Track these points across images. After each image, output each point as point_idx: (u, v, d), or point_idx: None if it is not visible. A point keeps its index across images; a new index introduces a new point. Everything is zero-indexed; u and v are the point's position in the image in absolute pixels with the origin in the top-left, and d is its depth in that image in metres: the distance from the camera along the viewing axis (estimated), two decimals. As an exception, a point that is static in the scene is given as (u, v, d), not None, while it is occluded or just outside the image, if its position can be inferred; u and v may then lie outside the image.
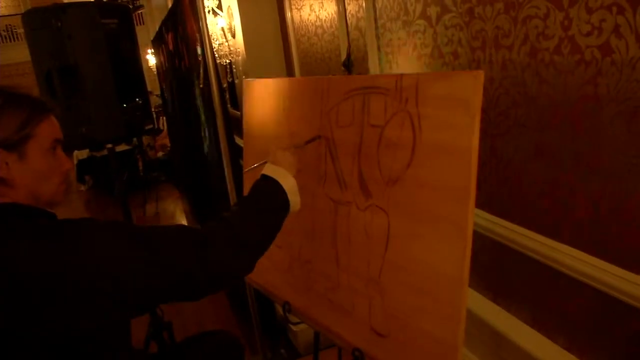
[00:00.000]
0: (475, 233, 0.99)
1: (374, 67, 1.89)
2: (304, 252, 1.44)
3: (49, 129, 1.00)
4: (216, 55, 2.59)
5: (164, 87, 5.39)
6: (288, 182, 1.18)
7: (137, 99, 1.97)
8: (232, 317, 3.00)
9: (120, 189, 2.10)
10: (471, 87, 0.91)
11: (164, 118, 6.62)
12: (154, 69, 7.40)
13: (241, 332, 2.76)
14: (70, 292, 0.85)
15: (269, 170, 1.20)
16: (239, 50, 3.35)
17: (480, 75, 0.90)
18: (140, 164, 6.08)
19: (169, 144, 6.57)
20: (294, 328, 2.37)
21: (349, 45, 1.74)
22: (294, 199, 1.19)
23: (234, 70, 3.41)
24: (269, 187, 1.18)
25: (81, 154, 6.57)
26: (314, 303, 1.40)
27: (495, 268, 1.61)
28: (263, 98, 1.61)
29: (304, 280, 1.45)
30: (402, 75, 1.07)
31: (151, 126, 2.08)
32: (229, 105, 3.87)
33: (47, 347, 0.87)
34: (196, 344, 1.56)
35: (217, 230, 1.04)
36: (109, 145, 2.08)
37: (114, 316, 0.90)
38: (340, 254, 1.29)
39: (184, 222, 4.94)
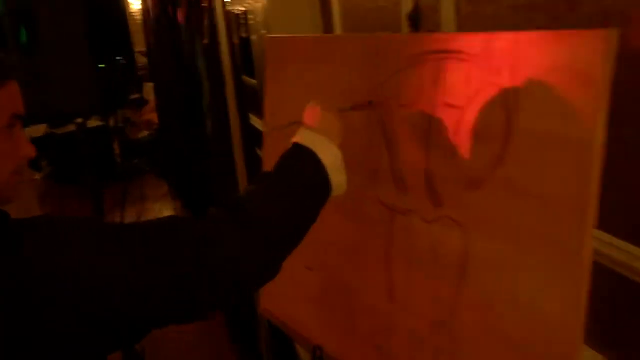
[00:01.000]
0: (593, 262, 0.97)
1: (447, 22, 1.87)
2: (343, 276, 1.45)
3: (6, 99, 1.01)
4: (226, 1, 2.62)
5: (151, 42, 5.48)
6: (330, 154, 1.17)
7: (119, 58, 2.01)
8: (231, 357, 3.04)
9: (92, 181, 2.14)
10: (598, 53, 0.89)
11: (151, 85, 6.72)
12: (137, 16, 7.52)
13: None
14: (26, 319, 0.88)
15: (304, 136, 1.19)
16: (257, -7, 3.37)
17: (613, 35, 0.88)
18: (116, 146, 6.20)
19: (156, 121, 6.67)
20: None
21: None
22: (338, 178, 1.17)
23: (250, 22, 3.43)
24: (304, 160, 1.16)
25: (35, 130, 6.74)
26: (356, 349, 1.40)
27: (616, 313, 1.58)
28: (292, 62, 1.62)
29: (342, 315, 1.46)
30: (493, 34, 1.06)
31: (137, 95, 2.12)
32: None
33: None
34: None
35: (225, 219, 1.05)
36: (79, 120, 2.13)
37: (82, 352, 0.92)
38: (396, 282, 1.29)
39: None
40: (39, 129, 6.72)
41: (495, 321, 1.06)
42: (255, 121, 2.76)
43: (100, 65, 1.95)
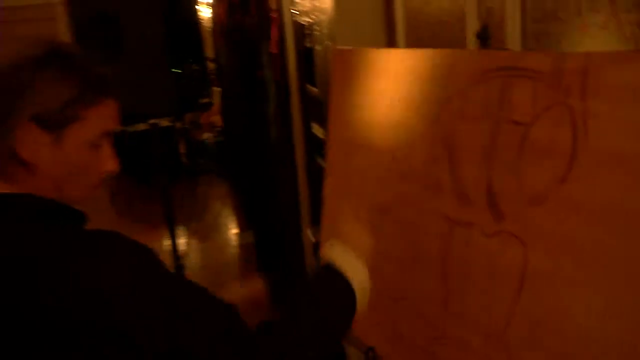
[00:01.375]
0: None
1: (513, 40, 1.84)
2: (398, 284, 1.44)
3: (103, 117, 1.02)
4: (294, 12, 2.65)
5: (219, 49, 5.58)
6: (358, 276, 1.22)
7: (193, 64, 2.06)
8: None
9: (162, 179, 2.20)
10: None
11: (216, 89, 6.86)
12: (206, 24, 7.69)
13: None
14: (78, 336, 0.89)
15: (338, 255, 1.23)
16: (324, 6, 3.39)
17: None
18: (182, 146, 6.34)
19: (219, 123, 6.78)
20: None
21: (486, 8, 1.71)
22: (362, 301, 1.23)
23: (316, 33, 3.46)
24: (338, 288, 1.21)
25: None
26: (408, 354, 1.40)
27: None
28: (358, 73, 1.63)
29: (395, 321, 1.46)
30: (563, 54, 1.04)
31: (207, 100, 2.17)
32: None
33: None
34: None
35: (271, 343, 1.05)
36: (153, 121, 2.19)
37: None
38: (451, 293, 1.28)
39: (234, 231, 5.09)
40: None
41: (550, 338, 1.04)
42: (316, 129, 2.78)
43: (175, 71, 2.01)
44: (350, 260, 1.24)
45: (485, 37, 1.41)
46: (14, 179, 0.98)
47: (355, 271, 1.23)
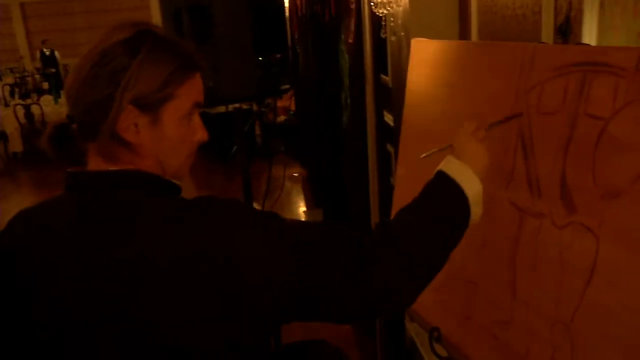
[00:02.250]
0: None
1: (589, 34, 1.77)
2: (468, 269, 1.43)
3: (193, 90, 1.03)
4: (372, 3, 2.62)
5: (297, 37, 5.61)
6: (473, 188, 1.15)
7: (276, 53, 2.09)
8: (349, 329, 3.08)
9: (242, 159, 2.24)
10: None
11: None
12: (286, 12, 7.73)
13: (358, 351, 2.83)
14: (200, 295, 0.91)
15: (453, 167, 1.16)
16: (399, -2, 3.34)
17: None
18: (257, 128, 6.44)
19: (292, 108, 6.85)
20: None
21: (568, 1, 1.64)
22: (476, 210, 1.15)
23: (391, 24, 3.42)
24: (451, 195, 1.14)
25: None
26: (473, 336, 1.38)
27: None
28: (436, 65, 1.61)
29: (462, 304, 1.44)
30: (647, 50, 0.99)
31: (287, 87, 2.19)
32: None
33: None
34: (293, 356, 1.62)
35: (384, 245, 1.03)
36: (237, 105, 2.23)
37: (247, 331, 0.94)
38: (519, 280, 1.26)
39: (303, 209, 5.15)
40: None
41: (617, 329, 1.01)
42: (388, 118, 2.76)
43: (260, 58, 2.04)
44: (466, 171, 1.16)
45: (566, 31, 1.35)
46: (119, 159, 1.01)
47: (470, 182, 1.15)
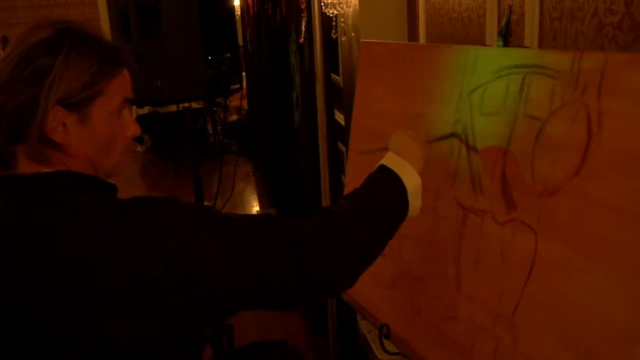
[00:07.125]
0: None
1: (530, 37, 1.82)
2: (415, 266, 1.46)
3: (121, 86, 1.02)
4: (322, 4, 2.64)
5: (248, 36, 5.59)
6: (412, 182, 1.18)
7: (226, 52, 2.07)
8: (302, 328, 3.09)
9: (192, 158, 2.22)
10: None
11: (244, 74, 6.85)
12: (236, 11, 7.67)
13: (311, 350, 2.84)
14: (140, 288, 0.90)
15: (392, 161, 1.20)
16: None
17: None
18: (210, 127, 6.36)
19: (245, 107, 6.80)
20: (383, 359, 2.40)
21: (508, 5, 1.69)
22: (415, 202, 1.19)
23: (342, 25, 3.45)
24: (390, 184, 1.18)
25: (142, 108, 7.01)
26: (421, 332, 1.41)
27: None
28: (384, 65, 1.63)
29: (409, 300, 1.47)
30: (582, 52, 1.03)
31: (237, 86, 2.17)
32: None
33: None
34: (253, 355, 1.62)
35: (322, 229, 1.05)
36: (186, 104, 2.21)
37: (187, 323, 0.95)
38: (463, 276, 1.29)
39: (257, 208, 5.13)
40: (145, 108, 7.00)
41: (558, 322, 1.04)
42: (339, 117, 2.78)
43: (209, 57, 2.01)
44: (404, 166, 1.19)
45: (507, 34, 1.40)
46: (50, 160, 0.98)
47: (409, 175, 1.18)
